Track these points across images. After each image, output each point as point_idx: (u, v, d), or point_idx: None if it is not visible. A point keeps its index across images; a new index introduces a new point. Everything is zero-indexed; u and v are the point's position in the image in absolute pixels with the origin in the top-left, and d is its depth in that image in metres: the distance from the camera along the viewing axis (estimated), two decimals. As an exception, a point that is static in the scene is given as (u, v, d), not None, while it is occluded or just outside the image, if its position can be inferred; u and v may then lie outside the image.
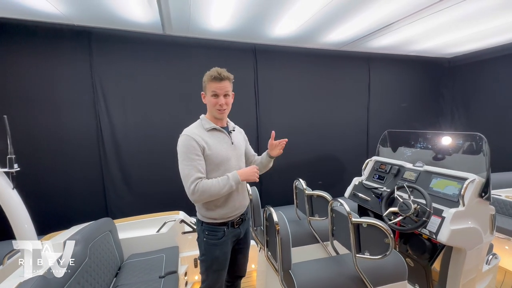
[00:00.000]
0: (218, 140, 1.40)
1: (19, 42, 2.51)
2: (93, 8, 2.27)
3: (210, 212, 1.38)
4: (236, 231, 1.47)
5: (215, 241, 1.39)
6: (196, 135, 1.32)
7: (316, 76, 3.76)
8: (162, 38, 2.93)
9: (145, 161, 3.02)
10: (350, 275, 1.34)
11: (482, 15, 2.63)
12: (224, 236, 1.40)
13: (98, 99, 2.81)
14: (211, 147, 1.34)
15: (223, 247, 1.41)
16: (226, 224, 1.41)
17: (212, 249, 1.39)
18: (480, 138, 1.69)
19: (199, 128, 1.39)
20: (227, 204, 1.39)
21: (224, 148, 1.40)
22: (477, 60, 4.07)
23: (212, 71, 1.34)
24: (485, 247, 1.69)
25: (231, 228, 1.44)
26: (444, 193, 1.71)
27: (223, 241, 1.40)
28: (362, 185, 2.26)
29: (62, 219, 2.41)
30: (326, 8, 2.33)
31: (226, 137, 1.45)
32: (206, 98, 1.40)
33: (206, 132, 1.37)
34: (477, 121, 4.15)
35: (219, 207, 1.38)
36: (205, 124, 1.40)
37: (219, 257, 1.40)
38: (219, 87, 1.34)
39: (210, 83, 1.34)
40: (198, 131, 1.35)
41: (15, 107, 2.53)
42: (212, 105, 1.37)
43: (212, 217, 1.39)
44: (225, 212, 1.39)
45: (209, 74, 1.34)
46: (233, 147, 1.45)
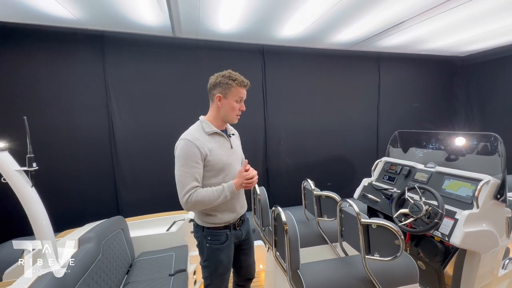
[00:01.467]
0: (219, 144, 1.37)
1: (36, 47, 2.62)
2: (106, 13, 2.34)
3: (212, 217, 1.36)
4: (238, 233, 1.46)
5: (219, 245, 1.37)
6: (198, 141, 1.27)
7: (325, 76, 3.74)
8: (172, 41, 2.99)
9: (155, 161, 3.07)
10: (360, 276, 1.32)
11: (497, 12, 2.55)
12: (227, 240, 1.39)
13: (110, 100, 2.89)
14: (213, 152, 1.31)
15: (227, 250, 1.39)
16: (228, 227, 1.40)
17: (216, 254, 1.37)
18: (495, 139, 1.64)
19: (200, 131, 1.34)
20: (227, 210, 1.38)
21: (225, 153, 1.37)
22: (493, 58, 3.93)
23: (237, 75, 1.33)
24: (501, 251, 1.63)
25: (233, 230, 1.42)
26: (457, 194, 1.67)
27: (227, 245, 1.39)
28: (371, 186, 2.23)
29: (76, 217, 2.48)
30: (335, 8, 2.31)
31: (226, 141, 1.42)
32: (225, 102, 1.34)
33: (207, 136, 1.34)
34: (494, 121, 4.01)
35: (220, 212, 1.36)
36: (206, 128, 1.35)
37: (224, 260, 1.38)
38: (245, 93, 1.37)
39: (238, 88, 1.32)
40: (199, 136, 1.31)
41: (31, 109, 2.63)
42: (233, 109, 1.35)
43: (214, 222, 1.36)
44: (226, 217, 1.38)
45: (236, 80, 1.31)
46: (232, 151, 1.43)
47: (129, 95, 2.96)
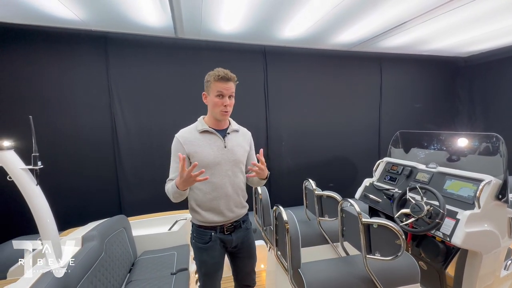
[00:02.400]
0: (209, 143, 1.35)
1: (40, 48, 2.65)
2: (110, 14, 2.36)
3: (196, 214, 1.37)
4: (226, 238, 1.39)
5: (202, 244, 1.37)
6: (183, 138, 1.34)
7: (327, 77, 3.74)
8: (174, 42, 3.01)
9: (157, 161, 3.09)
10: (361, 276, 1.33)
11: (500, 13, 2.54)
12: (210, 241, 1.36)
13: (113, 101, 2.91)
14: (196, 148, 1.32)
15: (211, 251, 1.37)
16: (215, 229, 1.37)
17: (199, 252, 1.38)
18: (497, 139, 1.63)
19: (192, 130, 1.38)
20: (210, 210, 1.35)
21: (212, 152, 1.34)
22: (496, 59, 3.91)
23: (218, 70, 1.30)
24: (503, 252, 1.63)
25: (220, 233, 1.38)
26: (458, 194, 1.67)
27: (210, 245, 1.36)
28: (373, 187, 2.24)
29: (79, 216, 2.50)
30: (337, 8, 2.32)
31: (219, 140, 1.37)
32: (209, 98, 1.34)
33: (198, 135, 1.35)
34: (496, 122, 3.99)
35: (203, 210, 1.35)
36: (198, 126, 1.38)
37: (207, 261, 1.37)
38: (225, 88, 1.29)
39: (216, 83, 1.29)
40: (189, 134, 1.36)
41: (35, 109, 2.66)
42: (215, 105, 1.31)
43: (199, 220, 1.37)
44: (211, 218, 1.35)
45: (214, 74, 1.30)
46: (225, 151, 1.36)
47: (132, 95, 2.98)
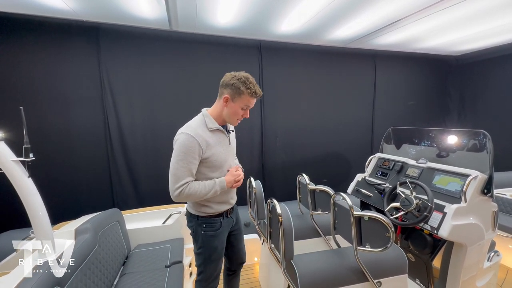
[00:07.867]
0: (219, 141, 1.40)
1: (30, 38, 2.57)
2: (102, 4, 2.31)
3: (207, 208, 1.41)
4: (230, 220, 1.53)
5: (214, 232, 1.43)
6: (199, 137, 1.29)
7: (322, 73, 3.76)
8: (168, 34, 2.96)
9: (150, 156, 3.07)
10: (351, 267, 1.37)
11: (492, 13, 2.60)
12: (221, 226, 1.46)
13: (106, 94, 2.86)
14: (212, 149, 1.34)
15: (221, 236, 1.47)
16: (222, 215, 1.47)
17: (211, 241, 1.43)
18: (484, 136, 1.69)
19: (202, 127, 1.35)
20: (222, 202, 1.45)
21: (223, 149, 1.41)
22: (486, 58, 4.00)
23: (252, 84, 1.32)
24: (487, 244, 1.70)
25: (226, 218, 1.49)
26: (446, 189, 1.72)
27: (221, 231, 1.46)
28: (365, 181, 2.28)
29: (71, 210, 2.48)
30: (332, 4, 2.33)
31: (226, 137, 1.45)
32: (231, 105, 1.34)
33: (208, 132, 1.35)
34: (485, 120, 4.10)
35: (215, 203, 1.42)
36: (209, 123, 1.36)
37: (218, 247, 1.45)
38: (253, 103, 1.38)
39: (249, 97, 1.33)
40: (201, 131, 1.32)
41: (26, 101, 2.59)
42: (235, 114, 1.36)
43: (209, 212, 1.42)
44: (221, 208, 1.45)
45: (250, 88, 1.30)
46: (230, 148, 1.48)
47: (125, 89, 2.93)
